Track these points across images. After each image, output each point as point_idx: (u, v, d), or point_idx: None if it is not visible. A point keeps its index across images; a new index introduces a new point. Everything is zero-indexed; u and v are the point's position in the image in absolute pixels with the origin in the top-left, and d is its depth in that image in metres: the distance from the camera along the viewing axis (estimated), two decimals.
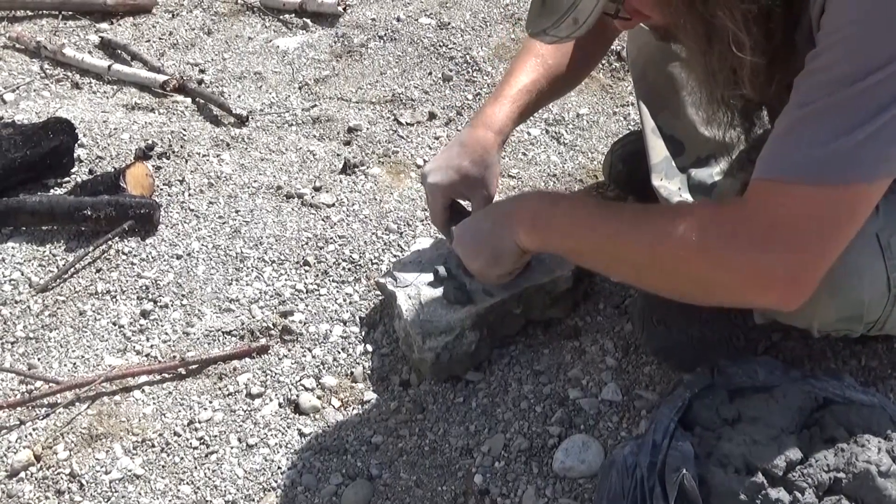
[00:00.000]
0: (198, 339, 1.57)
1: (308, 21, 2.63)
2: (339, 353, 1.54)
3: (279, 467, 1.35)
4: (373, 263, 1.72)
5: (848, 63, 0.90)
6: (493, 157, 1.43)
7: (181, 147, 2.06)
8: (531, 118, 1.75)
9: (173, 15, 2.70)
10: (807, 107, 0.93)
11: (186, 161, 2.02)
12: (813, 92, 0.93)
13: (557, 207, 1.21)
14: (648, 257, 1.07)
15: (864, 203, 0.95)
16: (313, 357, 1.53)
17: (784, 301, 1.00)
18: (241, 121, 2.19)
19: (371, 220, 1.83)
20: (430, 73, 2.35)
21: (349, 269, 1.70)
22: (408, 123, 2.17)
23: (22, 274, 1.72)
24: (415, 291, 1.49)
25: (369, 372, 1.50)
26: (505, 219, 1.27)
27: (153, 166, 1.98)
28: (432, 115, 2.19)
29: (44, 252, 1.77)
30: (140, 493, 1.32)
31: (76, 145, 2.00)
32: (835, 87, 0.91)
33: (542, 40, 1.10)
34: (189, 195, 1.92)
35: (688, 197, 1.47)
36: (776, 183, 0.95)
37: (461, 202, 1.48)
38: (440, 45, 2.45)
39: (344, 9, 2.65)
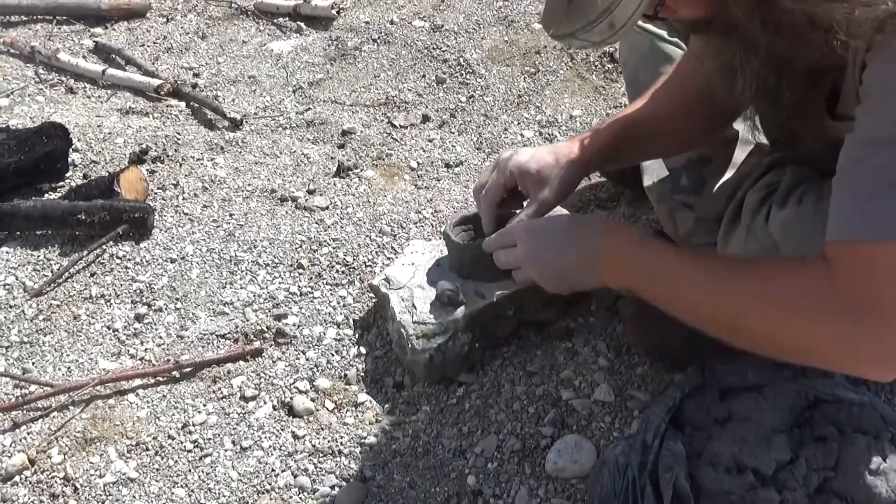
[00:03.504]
0: (192, 342, 1.58)
1: (302, 25, 2.64)
2: (333, 355, 1.54)
3: (273, 470, 1.35)
4: (366, 266, 1.72)
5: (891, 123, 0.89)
6: (575, 170, 1.36)
7: (175, 151, 2.06)
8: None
9: (167, 19, 2.71)
10: (862, 162, 0.91)
11: (180, 165, 2.02)
12: (867, 148, 0.91)
13: (645, 253, 1.14)
14: (742, 322, 1.03)
15: None
16: (307, 359, 1.53)
17: (880, 374, 0.97)
18: (236, 124, 2.19)
19: (365, 222, 1.84)
20: (424, 76, 2.36)
21: (343, 272, 1.71)
22: (401, 126, 2.18)
23: (16, 278, 1.72)
24: (408, 293, 1.49)
25: (363, 374, 1.50)
26: (588, 258, 1.19)
27: (147, 170, 1.98)
28: (426, 118, 2.20)
29: (38, 256, 1.77)
30: (134, 497, 1.32)
31: (70, 150, 2.01)
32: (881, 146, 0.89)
33: (570, 44, 1.03)
34: (183, 199, 1.92)
35: (679, 198, 1.48)
36: (856, 245, 0.92)
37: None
38: (434, 48, 2.46)
39: (338, 12, 2.66)
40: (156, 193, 1.93)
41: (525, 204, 1.39)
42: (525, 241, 1.26)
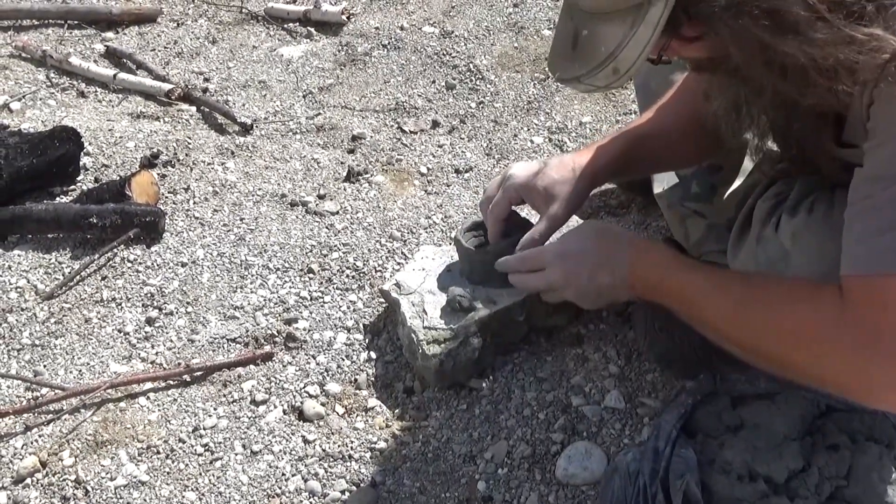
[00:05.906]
0: (202, 346, 1.58)
1: (312, 30, 2.65)
2: (343, 360, 1.54)
3: (283, 474, 1.36)
4: (377, 271, 1.72)
5: None
6: (583, 185, 1.37)
7: (186, 155, 2.07)
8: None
9: (178, 24, 2.72)
10: (872, 197, 0.93)
11: (191, 169, 2.03)
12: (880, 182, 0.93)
13: (672, 274, 1.18)
14: (761, 346, 1.07)
15: None
16: (317, 364, 1.54)
17: (891, 405, 1.00)
18: (246, 129, 2.20)
19: (375, 227, 1.84)
20: (434, 82, 2.37)
21: (353, 277, 1.71)
22: (411, 131, 2.18)
23: (28, 281, 1.73)
24: (418, 299, 1.50)
25: (373, 379, 1.51)
26: (621, 278, 1.23)
27: (158, 174, 1.99)
28: (436, 124, 2.20)
29: (49, 260, 1.78)
30: (145, 500, 1.32)
31: (82, 154, 2.01)
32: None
33: (575, 88, 1.05)
34: (194, 203, 1.93)
35: (689, 206, 1.48)
36: (868, 278, 0.93)
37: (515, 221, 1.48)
38: (444, 54, 2.47)
39: (348, 18, 2.66)
40: (167, 197, 1.94)
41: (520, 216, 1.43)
42: (558, 266, 1.28)
